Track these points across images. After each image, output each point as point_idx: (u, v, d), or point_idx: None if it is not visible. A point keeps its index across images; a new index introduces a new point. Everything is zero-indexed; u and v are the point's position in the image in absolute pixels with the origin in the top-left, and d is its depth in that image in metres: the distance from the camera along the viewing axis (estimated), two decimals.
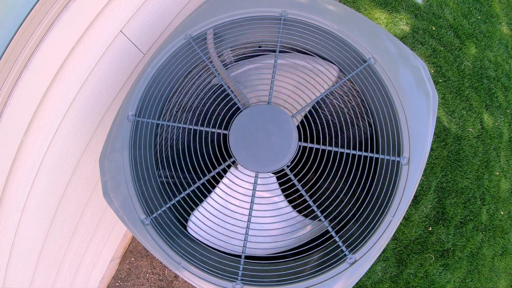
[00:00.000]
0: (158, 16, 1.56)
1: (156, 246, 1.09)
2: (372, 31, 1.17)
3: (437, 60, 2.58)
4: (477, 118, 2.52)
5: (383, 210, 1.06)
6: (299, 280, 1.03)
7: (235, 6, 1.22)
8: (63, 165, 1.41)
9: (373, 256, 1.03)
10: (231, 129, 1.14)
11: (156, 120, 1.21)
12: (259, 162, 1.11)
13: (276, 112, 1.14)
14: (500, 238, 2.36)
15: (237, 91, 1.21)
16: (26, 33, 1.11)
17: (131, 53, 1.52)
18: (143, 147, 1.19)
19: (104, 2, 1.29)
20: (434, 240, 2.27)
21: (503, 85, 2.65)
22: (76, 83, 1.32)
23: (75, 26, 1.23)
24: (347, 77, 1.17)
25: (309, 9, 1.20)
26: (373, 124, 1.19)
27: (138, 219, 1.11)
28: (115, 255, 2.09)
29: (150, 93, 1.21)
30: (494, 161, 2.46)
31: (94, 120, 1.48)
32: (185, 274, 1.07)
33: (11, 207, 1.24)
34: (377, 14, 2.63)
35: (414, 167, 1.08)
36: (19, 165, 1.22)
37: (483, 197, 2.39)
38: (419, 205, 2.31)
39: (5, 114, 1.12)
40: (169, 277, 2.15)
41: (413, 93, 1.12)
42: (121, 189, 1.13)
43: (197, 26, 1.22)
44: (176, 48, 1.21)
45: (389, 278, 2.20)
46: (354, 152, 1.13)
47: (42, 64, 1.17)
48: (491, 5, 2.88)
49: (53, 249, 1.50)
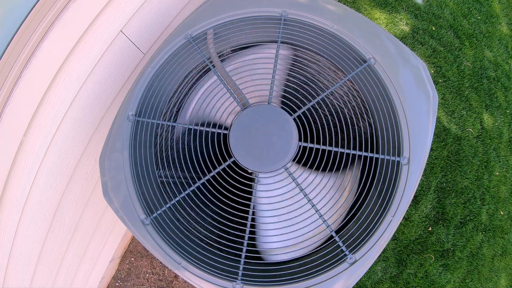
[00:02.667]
0: (158, 16, 1.56)
1: (156, 246, 1.09)
2: (372, 31, 1.17)
3: (437, 60, 2.58)
4: (477, 118, 2.52)
5: (383, 210, 1.06)
6: (299, 280, 1.03)
7: (235, 6, 1.22)
8: (63, 165, 1.41)
9: (373, 256, 1.03)
10: (231, 129, 1.14)
11: (156, 120, 1.21)
12: (259, 162, 1.11)
13: (276, 112, 1.14)
14: (500, 238, 2.36)
15: (237, 91, 1.21)
16: (26, 33, 1.11)
17: (131, 53, 1.52)
18: (143, 147, 1.19)
19: (104, 2, 1.29)
20: (434, 240, 2.27)
21: (503, 85, 2.65)
22: (76, 83, 1.32)
23: (75, 26, 1.23)
24: (347, 77, 1.17)
25: (309, 9, 1.20)
26: (373, 124, 1.19)
27: (138, 219, 1.11)
28: (115, 255, 2.09)
29: (150, 93, 1.21)
30: (494, 161, 2.46)
31: (94, 120, 1.48)
32: (185, 274, 1.07)
33: (11, 207, 1.24)
34: (377, 14, 2.63)
35: (414, 167, 1.08)
36: (19, 165, 1.22)
37: (483, 197, 2.39)
38: (419, 205, 2.31)
39: (5, 114, 1.12)
40: (169, 277, 2.15)
41: (413, 93, 1.12)
42: (121, 189, 1.13)
43: (197, 26, 1.22)
44: (176, 48, 1.21)
45: (389, 278, 2.20)
46: (354, 152, 1.13)
47: (42, 64, 1.17)
48: (491, 5, 2.88)
49: (53, 249, 1.50)
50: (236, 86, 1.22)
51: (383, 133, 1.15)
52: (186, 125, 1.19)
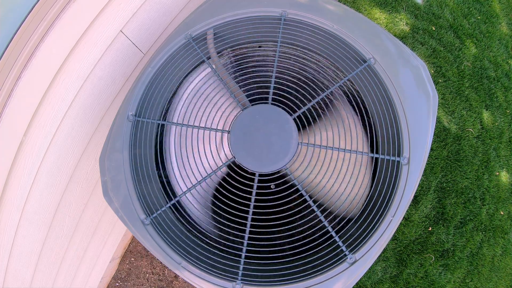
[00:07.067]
0: (158, 16, 1.56)
1: (156, 246, 1.09)
2: (372, 31, 1.17)
3: (437, 60, 2.58)
4: (477, 118, 2.52)
5: (383, 210, 1.06)
6: (299, 280, 1.03)
7: (235, 6, 1.22)
8: (63, 165, 1.41)
9: (373, 256, 1.03)
10: (231, 129, 1.14)
11: (156, 120, 1.21)
12: (259, 162, 1.11)
13: (276, 112, 1.14)
14: (500, 238, 2.36)
15: (237, 91, 1.21)
16: (26, 33, 1.11)
17: (131, 53, 1.52)
18: (143, 147, 1.19)
19: (104, 2, 1.29)
20: (434, 240, 2.27)
21: (503, 85, 2.65)
22: (76, 83, 1.32)
23: (75, 26, 1.23)
24: (347, 77, 1.17)
25: (309, 9, 1.20)
26: (373, 124, 1.19)
27: (138, 219, 1.11)
28: (115, 255, 2.09)
29: (150, 93, 1.21)
30: (494, 161, 2.46)
31: (94, 120, 1.48)
32: (185, 274, 1.07)
33: (11, 207, 1.24)
34: (377, 14, 2.63)
35: (414, 167, 1.08)
36: (19, 165, 1.22)
37: (483, 197, 2.39)
38: (419, 205, 2.31)
39: (5, 114, 1.12)
40: (169, 277, 2.15)
41: (413, 93, 1.12)
42: (121, 189, 1.13)
43: (197, 26, 1.22)
44: (176, 48, 1.21)
45: (389, 278, 2.20)
46: (354, 152, 1.13)
47: (42, 64, 1.17)
48: (491, 5, 2.88)
49: (53, 249, 1.50)
50: (236, 86, 1.22)
51: (383, 133, 1.15)
52: (186, 125, 1.19)
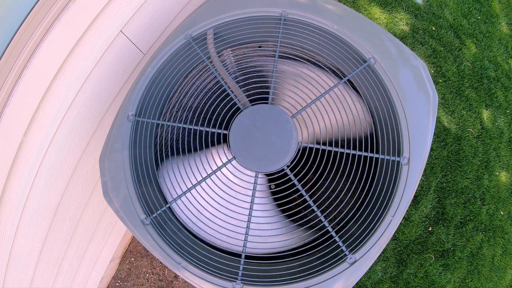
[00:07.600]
0: (158, 16, 1.56)
1: (156, 246, 1.09)
2: (372, 31, 1.17)
3: (437, 60, 2.58)
4: (477, 118, 2.52)
5: (383, 210, 1.06)
6: (299, 280, 1.03)
7: (235, 6, 1.22)
8: (63, 165, 1.41)
9: (373, 256, 1.03)
10: (231, 129, 1.14)
11: (156, 120, 1.21)
12: (259, 162, 1.11)
13: (276, 112, 1.14)
14: (500, 238, 2.36)
15: (237, 91, 1.21)
16: (26, 33, 1.11)
17: (131, 53, 1.52)
18: (143, 147, 1.19)
19: (104, 2, 1.29)
20: (434, 240, 2.27)
21: (503, 85, 2.65)
22: (76, 83, 1.32)
23: (75, 26, 1.23)
24: (347, 77, 1.17)
25: (309, 9, 1.20)
26: (373, 124, 1.19)
27: (138, 219, 1.11)
28: (115, 255, 2.09)
29: (150, 93, 1.21)
30: (494, 161, 2.46)
31: (94, 120, 1.48)
32: (185, 274, 1.07)
33: (11, 207, 1.24)
34: (377, 14, 2.63)
35: (414, 167, 1.08)
36: (19, 165, 1.22)
37: (483, 197, 2.39)
38: (419, 205, 2.31)
39: (5, 114, 1.12)
40: (169, 277, 2.15)
41: (413, 93, 1.12)
42: (121, 189, 1.13)
43: (197, 26, 1.22)
44: (176, 48, 1.21)
45: (389, 278, 2.20)
46: (354, 152, 1.13)
47: (42, 64, 1.17)
48: (491, 5, 2.88)
49: (53, 249, 1.50)
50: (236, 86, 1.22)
51: (383, 133, 1.15)
52: (186, 125, 1.19)
